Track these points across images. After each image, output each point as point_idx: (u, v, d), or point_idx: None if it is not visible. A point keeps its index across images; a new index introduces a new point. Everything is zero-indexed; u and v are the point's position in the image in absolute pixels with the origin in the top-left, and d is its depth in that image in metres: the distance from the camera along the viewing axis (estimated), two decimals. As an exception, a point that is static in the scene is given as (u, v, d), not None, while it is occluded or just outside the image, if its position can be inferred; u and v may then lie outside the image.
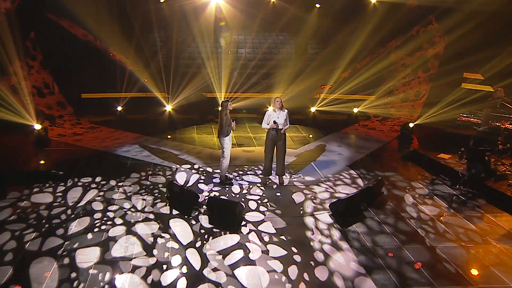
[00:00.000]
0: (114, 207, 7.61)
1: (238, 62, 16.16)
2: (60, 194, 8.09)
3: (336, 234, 6.99)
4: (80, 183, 8.61)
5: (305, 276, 5.84)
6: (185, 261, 6.06)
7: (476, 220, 7.56)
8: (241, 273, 5.85)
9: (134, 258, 6.07)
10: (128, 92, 14.25)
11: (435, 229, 7.25)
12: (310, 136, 12.90)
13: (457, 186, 9.07)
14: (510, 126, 9.68)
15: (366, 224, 7.37)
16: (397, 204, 8.23)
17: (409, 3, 14.46)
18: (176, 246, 6.46)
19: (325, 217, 7.57)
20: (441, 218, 7.65)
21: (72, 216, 7.24)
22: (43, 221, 7.03)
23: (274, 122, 8.45)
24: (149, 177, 9.11)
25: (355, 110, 15.13)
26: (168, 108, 13.96)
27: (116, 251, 6.23)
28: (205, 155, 10.76)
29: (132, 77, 14.31)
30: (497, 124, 9.69)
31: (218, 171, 9.31)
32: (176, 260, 6.09)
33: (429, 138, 12.65)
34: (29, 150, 10.72)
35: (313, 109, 14.97)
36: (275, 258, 6.23)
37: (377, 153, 11.64)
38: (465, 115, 10.60)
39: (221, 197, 8.21)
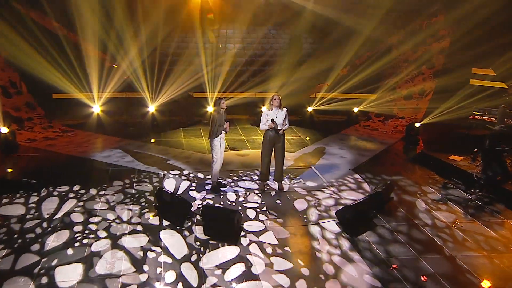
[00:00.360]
0: (96, 219, 7.37)
1: (227, 58, 16.01)
2: (34, 205, 7.82)
3: (345, 244, 6.88)
4: (55, 193, 8.34)
5: (315, 291, 5.70)
6: (180, 277, 5.87)
7: (496, 227, 7.53)
8: (244, 289, 5.68)
9: (123, 275, 5.86)
10: (106, 91, 13.96)
11: (453, 237, 7.19)
12: (307, 138, 12.82)
13: (472, 190, 9.05)
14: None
15: (377, 232, 7.27)
16: (409, 210, 8.17)
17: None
18: (169, 260, 6.26)
19: (331, 226, 7.46)
20: (455, 225, 7.59)
21: (49, 229, 6.99)
22: (15, 235, 6.76)
23: (272, 120, 8.32)
24: (134, 184, 8.90)
25: (355, 109, 15.08)
26: (151, 109, 13.72)
27: (102, 267, 6.01)
28: (195, 160, 10.57)
29: (111, 75, 14.04)
30: (514, 122, 9.72)
31: (209, 177, 9.13)
32: (170, 276, 5.90)
33: (437, 139, 12.67)
34: (-4, 156, 10.43)
35: (309, 109, 14.89)
36: (280, 271, 6.09)
37: (382, 155, 11.62)
38: (478, 113, 10.62)
39: (216, 205, 8.04)
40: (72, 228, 7.03)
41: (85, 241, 6.67)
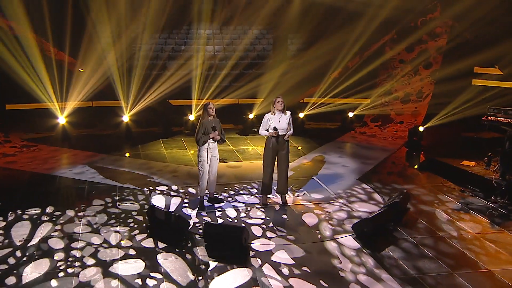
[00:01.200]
0: (79, 244, 6.93)
1: (206, 62, 15.77)
2: (1, 231, 7.31)
3: (369, 261, 6.67)
4: (25, 216, 7.85)
5: (347, 316, 5.46)
6: (190, 307, 5.53)
7: (529, 237, 7.48)
8: (265, 317, 5.38)
9: (121, 307, 5.47)
10: (72, 100, 13.44)
11: (485, 249, 7.09)
12: (299, 147, 12.66)
13: (493, 198, 9.02)
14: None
15: (401, 247, 7.11)
16: (430, 221, 8.06)
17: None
18: (173, 288, 5.91)
19: (349, 241, 7.26)
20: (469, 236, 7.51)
21: (24, 258, 6.51)
22: (-16, 267, 6.28)
23: (275, 129, 8.10)
24: (118, 203, 8.47)
25: (351, 114, 15.05)
26: (125, 118, 13.26)
27: (95, 299, 5.60)
28: (183, 173, 10.23)
29: (78, 82, 13.51)
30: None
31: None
32: (177, 306, 5.54)
33: (443, 144, 12.71)
34: None
35: (301, 115, 14.77)
36: (303, 295, 5.81)
37: (387, 163, 11.60)
38: (492, 113, 10.57)
39: (219, 222, 7.74)
40: (52, 256, 6.57)
41: (70, 270, 6.23)
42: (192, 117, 13.74)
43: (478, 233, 7.62)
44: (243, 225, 7.63)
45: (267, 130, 8.26)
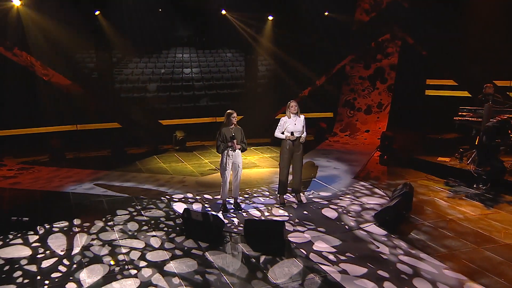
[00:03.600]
0: (123, 249, 6.40)
1: (182, 83, 15.50)
2: (38, 244, 6.66)
3: (401, 244, 6.63)
4: (56, 229, 7.20)
5: (408, 291, 5.33)
6: (261, 296, 5.20)
7: (523, 214, 7.74)
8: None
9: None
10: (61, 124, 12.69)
11: (493, 227, 7.25)
12: None
13: (475, 186, 9.29)
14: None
15: (423, 230, 7.14)
16: (434, 208, 8.17)
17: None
18: (235, 280, 5.55)
19: (375, 229, 7.19)
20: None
21: (74, 266, 5.93)
22: (38, 277, 5.64)
23: (292, 134, 7.97)
24: (142, 211, 7.95)
25: (322, 126, 15.16)
26: (118, 138, 12.63)
27: (165, 297, 5.15)
28: (191, 182, 9.82)
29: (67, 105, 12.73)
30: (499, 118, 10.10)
31: (219, 196, 8.42)
32: (249, 296, 5.20)
33: (413, 146, 12.99)
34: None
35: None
36: (359, 277, 5.64)
37: (372, 163, 11.70)
38: (463, 113, 10.91)
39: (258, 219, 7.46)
40: (102, 262, 6.03)
41: (125, 272, 5.72)
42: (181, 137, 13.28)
43: (480, 215, 7.78)
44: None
45: (283, 133, 8.10)
